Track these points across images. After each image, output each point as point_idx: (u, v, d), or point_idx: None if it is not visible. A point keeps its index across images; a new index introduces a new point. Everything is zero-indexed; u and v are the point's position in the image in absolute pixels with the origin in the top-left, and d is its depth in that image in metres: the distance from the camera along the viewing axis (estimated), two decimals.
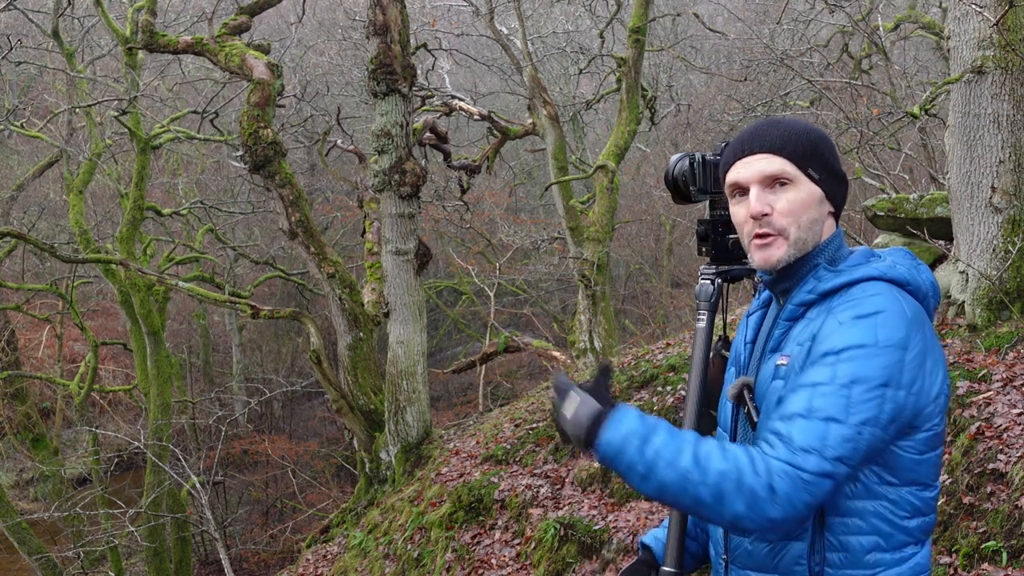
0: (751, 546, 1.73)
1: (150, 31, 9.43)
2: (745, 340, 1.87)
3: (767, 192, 1.72)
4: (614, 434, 1.57)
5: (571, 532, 5.29)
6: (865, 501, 1.64)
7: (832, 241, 1.75)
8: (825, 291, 1.69)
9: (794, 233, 1.71)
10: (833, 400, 1.55)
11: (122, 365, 21.16)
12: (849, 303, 1.64)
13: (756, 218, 1.71)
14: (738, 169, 1.74)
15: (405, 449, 8.65)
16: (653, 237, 22.97)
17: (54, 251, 11.18)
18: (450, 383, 22.09)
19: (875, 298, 1.62)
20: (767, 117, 1.83)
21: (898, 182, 8.85)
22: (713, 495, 1.52)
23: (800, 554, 1.67)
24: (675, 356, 6.83)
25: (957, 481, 3.84)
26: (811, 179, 1.72)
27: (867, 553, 1.64)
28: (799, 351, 1.66)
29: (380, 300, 9.15)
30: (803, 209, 1.71)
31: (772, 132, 1.74)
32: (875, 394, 1.55)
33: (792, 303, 1.74)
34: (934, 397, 1.63)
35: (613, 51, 14.16)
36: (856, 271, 1.69)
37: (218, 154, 19.29)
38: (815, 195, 1.72)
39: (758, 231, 1.72)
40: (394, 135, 8.41)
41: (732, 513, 1.52)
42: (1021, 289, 5.01)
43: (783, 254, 1.71)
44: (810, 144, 1.73)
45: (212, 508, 11.72)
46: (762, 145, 1.73)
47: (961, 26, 5.11)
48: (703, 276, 1.93)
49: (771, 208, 1.71)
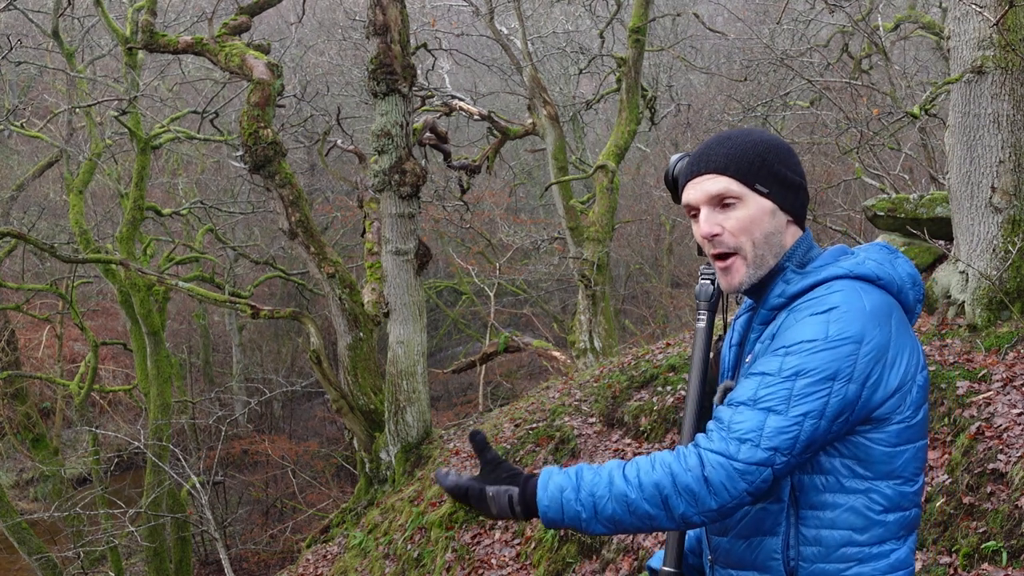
0: (729, 544, 1.75)
1: (150, 31, 9.43)
2: (731, 343, 1.89)
3: (716, 212, 1.73)
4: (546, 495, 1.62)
5: (571, 532, 5.29)
6: (837, 495, 1.65)
7: (799, 246, 1.76)
8: (793, 294, 1.70)
9: (750, 250, 1.72)
10: (776, 390, 1.58)
11: (122, 365, 21.16)
12: (808, 302, 1.66)
13: (707, 239, 1.74)
14: (689, 190, 1.77)
15: (405, 449, 8.65)
16: (653, 237, 22.97)
17: (54, 251, 11.18)
18: (450, 383, 22.09)
19: (833, 295, 1.64)
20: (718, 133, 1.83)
21: (898, 182, 8.85)
22: (657, 505, 1.57)
23: (774, 549, 1.68)
24: (675, 356, 6.83)
25: (957, 481, 3.84)
26: (759, 193, 1.72)
27: (841, 547, 1.65)
28: (761, 348, 1.70)
29: (380, 300, 9.15)
30: (754, 225, 1.72)
31: (718, 151, 1.74)
32: (819, 387, 1.57)
33: (764, 308, 1.76)
34: (894, 389, 1.63)
35: (613, 51, 14.16)
36: (822, 272, 1.70)
37: (218, 154, 19.30)
38: (765, 209, 1.72)
39: (713, 251, 1.75)
40: (394, 135, 8.41)
41: (679, 514, 1.57)
42: (1021, 289, 5.01)
43: (743, 276, 1.74)
44: (756, 158, 1.72)
45: (212, 508, 11.72)
46: (707, 165, 1.74)
47: (961, 26, 5.11)
48: (703, 276, 1.94)
49: (721, 228, 1.72)
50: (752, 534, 1.71)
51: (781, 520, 1.67)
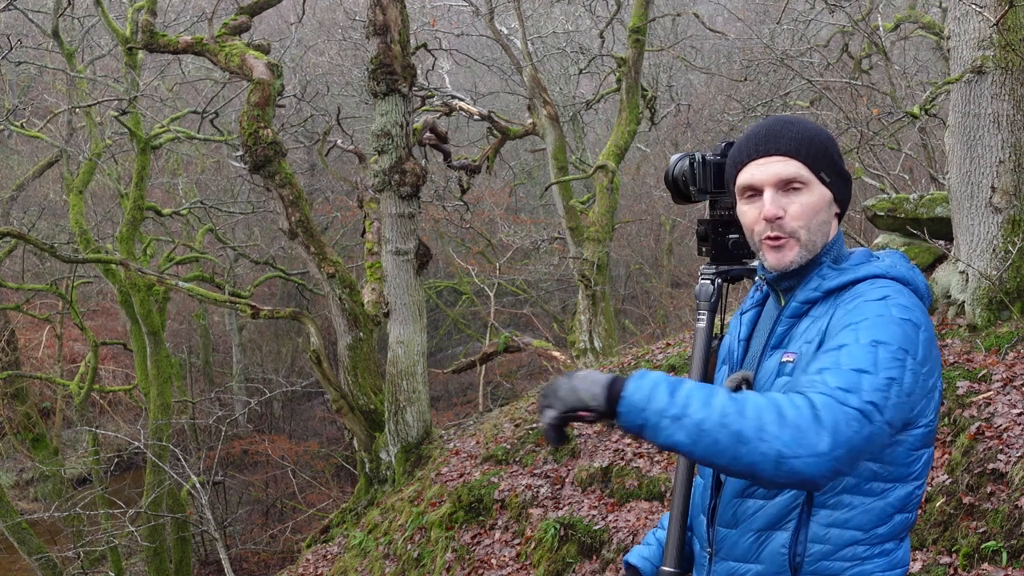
0: (737, 536, 1.74)
1: (150, 31, 9.43)
2: (739, 337, 1.88)
3: (781, 195, 1.73)
4: (641, 383, 1.48)
5: (571, 532, 5.29)
6: (855, 495, 1.65)
7: (837, 241, 1.78)
8: (830, 288, 1.72)
9: (805, 236, 1.73)
10: (861, 356, 1.52)
11: (122, 365, 21.15)
12: (858, 298, 1.66)
13: (769, 221, 1.72)
14: (752, 170, 1.75)
15: (405, 449, 8.65)
16: (653, 237, 22.96)
17: (54, 251, 11.18)
18: (450, 383, 22.08)
19: (883, 289, 1.66)
20: (775, 116, 1.80)
21: (898, 182, 8.85)
22: (754, 428, 1.40)
23: (783, 543, 1.68)
24: (675, 356, 6.82)
25: (957, 481, 3.84)
26: (823, 182, 1.74)
27: (847, 546, 1.65)
28: (807, 349, 1.68)
29: (380, 300, 9.15)
30: (814, 213, 1.73)
31: (787, 134, 1.74)
32: (898, 358, 1.53)
33: (797, 300, 1.75)
34: (931, 387, 1.64)
35: (613, 51, 14.16)
36: (860, 269, 1.72)
37: (218, 154, 19.29)
38: (826, 198, 1.75)
39: (770, 233, 1.73)
40: (394, 135, 8.41)
41: (775, 451, 1.39)
42: (1021, 289, 5.01)
43: (795, 256, 1.73)
44: (822, 147, 1.74)
45: (212, 508, 11.72)
46: (778, 147, 1.73)
47: (961, 26, 5.11)
48: (703, 276, 1.94)
49: (784, 211, 1.72)
50: (763, 528, 1.70)
51: (794, 516, 1.67)
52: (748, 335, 1.87)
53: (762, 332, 1.85)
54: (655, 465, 5.50)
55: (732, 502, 1.75)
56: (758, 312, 1.89)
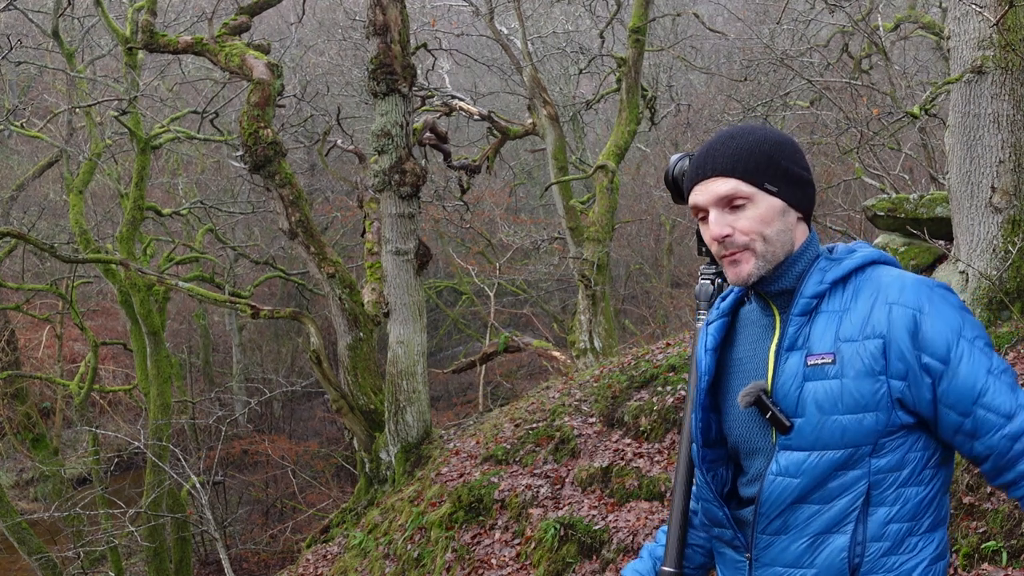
0: (787, 542, 1.71)
1: (150, 31, 9.43)
2: (706, 347, 1.86)
3: (726, 213, 1.72)
4: None
5: (571, 532, 5.29)
6: (909, 488, 1.66)
7: (811, 243, 1.77)
8: (835, 279, 1.72)
9: (760, 247, 1.72)
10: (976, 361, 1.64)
11: (122, 365, 21.15)
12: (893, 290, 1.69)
13: (719, 241, 1.73)
14: (696, 193, 1.76)
15: (405, 449, 8.65)
16: (653, 237, 22.97)
17: (54, 251, 11.18)
18: (450, 383, 22.09)
19: (906, 277, 1.71)
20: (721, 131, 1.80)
21: (898, 182, 8.86)
22: None
23: (842, 547, 1.66)
24: (675, 356, 6.82)
25: (957, 481, 3.84)
26: (769, 192, 1.72)
27: (904, 539, 1.66)
28: (857, 349, 1.66)
29: (380, 300, 9.15)
30: (764, 224, 1.72)
31: (723, 152, 1.73)
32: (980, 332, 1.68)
33: (805, 296, 1.73)
34: None
35: (613, 51, 14.16)
36: (855, 256, 1.74)
37: (218, 154, 19.29)
38: (775, 208, 1.72)
39: (724, 252, 1.74)
40: (394, 135, 8.41)
41: None
42: (1021, 289, 5.01)
43: (752, 268, 1.72)
44: (763, 158, 1.72)
45: (212, 508, 11.71)
46: (714, 168, 1.73)
47: (961, 26, 5.11)
48: (703, 276, 1.92)
49: (732, 228, 1.72)
50: (819, 532, 1.68)
51: (852, 517, 1.66)
52: (716, 345, 1.85)
53: (754, 339, 1.81)
54: (655, 465, 5.50)
55: (781, 510, 1.71)
56: (727, 322, 1.87)
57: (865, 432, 1.64)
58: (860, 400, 1.64)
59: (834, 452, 1.65)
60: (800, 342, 1.72)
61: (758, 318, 1.82)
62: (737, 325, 1.86)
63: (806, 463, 1.67)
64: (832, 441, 1.65)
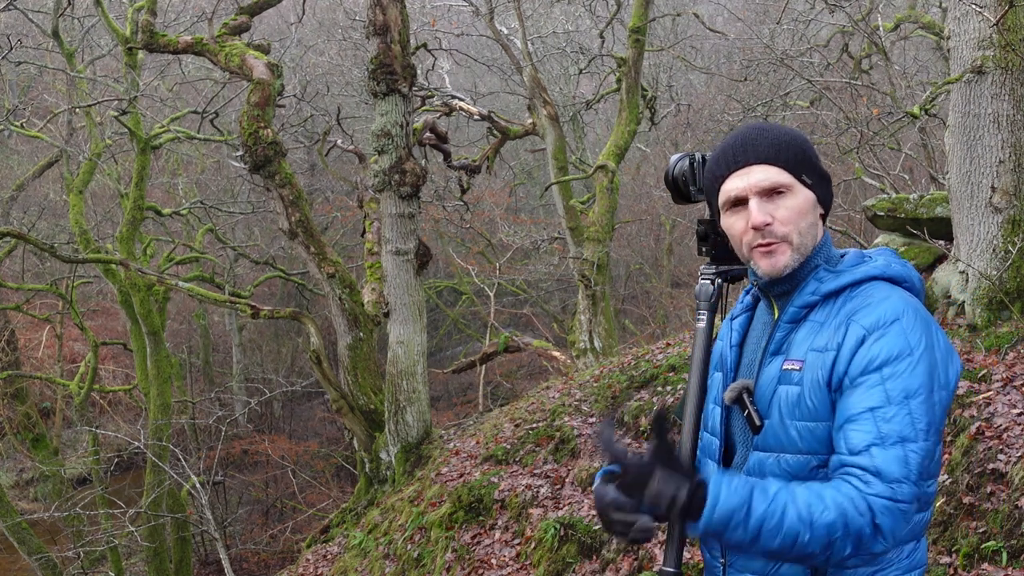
0: None
1: (150, 31, 9.43)
2: (731, 343, 1.88)
3: (766, 202, 1.73)
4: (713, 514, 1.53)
5: (571, 532, 5.29)
6: None
7: (826, 242, 1.78)
8: (828, 292, 1.72)
9: (796, 239, 1.73)
10: (898, 421, 1.58)
11: (122, 365, 21.15)
12: (866, 308, 1.66)
13: (758, 229, 1.72)
14: (733, 182, 1.75)
15: (405, 449, 8.65)
16: (653, 237, 22.97)
17: (54, 251, 11.18)
18: (450, 383, 22.09)
19: (889, 301, 1.66)
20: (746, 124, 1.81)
21: (898, 182, 8.86)
22: (823, 547, 1.53)
23: None
24: (675, 356, 6.82)
25: (957, 481, 3.84)
26: (805, 185, 1.74)
27: None
28: (817, 358, 1.68)
29: (380, 300, 9.15)
30: (801, 216, 1.73)
31: (763, 141, 1.75)
32: (929, 400, 1.60)
33: (794, 305, 1.75)
34: (954, 384, 1.69)
35: (613, 51, 14.16)
36: (856, 271, 1.73)
37: (218, 154, 19.29)
38: (810, 200, 1.75)
39: (760, 241, 1.73)
40: (394, 135, 8.41)
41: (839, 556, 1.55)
42: (1021, 289, 5.01)
43: (788, 259, 1.73)
44: (800, 150, 1.75)
45: (212, 508, 11.72)
46: (756, 155, 1.74)
47: (961, 26, 5.11)
48: (703, 276, 1.93)
49: (772, 218, 1.72)
50: None
51: None
52: (740, 341, 1.86)
53: (757, 338, 1.84)
54: None
55: None
56: (749, 317, 1.89)
57: (818, 440, 1.66)
58: (813, 409, 1.67)
59: (792, 456, 1.68)
60: (784, 347, 1.75)
61: (764, 316, 1.85)
62: (753, 320, 1.89)
63: (766, 464, 1.71)
64: (790, 446, 1.68)
